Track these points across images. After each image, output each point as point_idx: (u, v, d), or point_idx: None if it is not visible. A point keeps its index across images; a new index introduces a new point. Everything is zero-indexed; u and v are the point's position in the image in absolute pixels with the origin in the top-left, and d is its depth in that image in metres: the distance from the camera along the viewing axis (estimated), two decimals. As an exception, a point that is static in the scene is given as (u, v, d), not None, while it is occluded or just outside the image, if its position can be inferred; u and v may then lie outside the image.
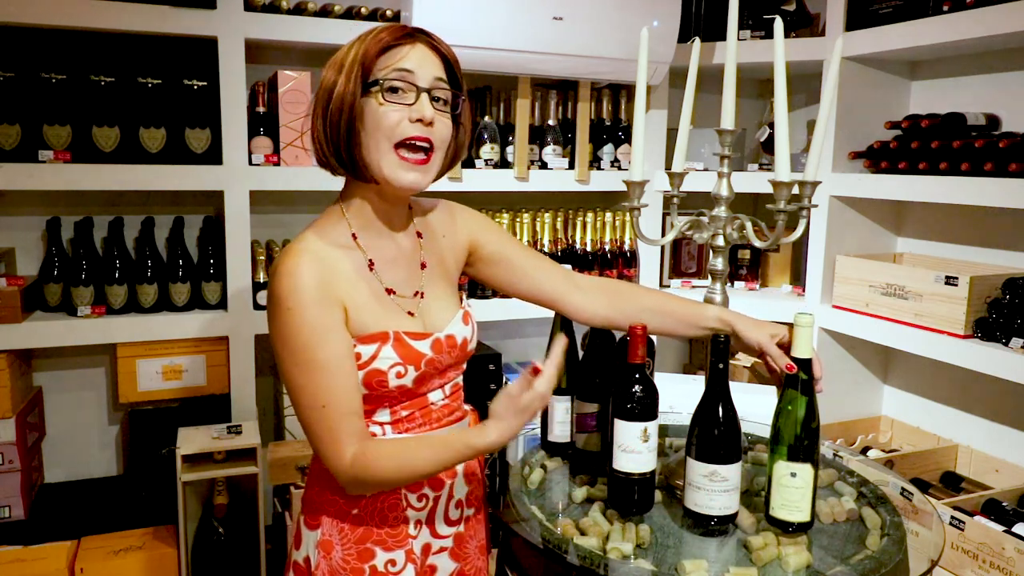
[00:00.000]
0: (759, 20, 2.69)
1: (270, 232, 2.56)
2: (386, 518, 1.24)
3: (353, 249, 1.24)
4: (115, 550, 2.11)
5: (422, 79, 1.19)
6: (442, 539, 1.31)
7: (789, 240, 1.43)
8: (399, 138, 1.18)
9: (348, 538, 1.24)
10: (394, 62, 1.18)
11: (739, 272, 2.91)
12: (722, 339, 1.31)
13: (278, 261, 1.18)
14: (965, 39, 2.14)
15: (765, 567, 1.23)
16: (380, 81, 1.17)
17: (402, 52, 1.18)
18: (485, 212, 2.56)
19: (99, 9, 2.06)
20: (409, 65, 1.18)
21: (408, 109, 1.18)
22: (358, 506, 1.24)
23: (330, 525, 1.24)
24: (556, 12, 2.38)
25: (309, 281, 1.15)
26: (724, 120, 1.48)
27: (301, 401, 1.17)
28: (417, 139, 1.18)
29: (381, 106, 1.17)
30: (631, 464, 1.33)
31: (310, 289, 1.15)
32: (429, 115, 1.18)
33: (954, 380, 2.52)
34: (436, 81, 1.21)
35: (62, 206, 2.34)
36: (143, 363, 2.25)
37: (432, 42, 1.22)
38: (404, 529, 1.26)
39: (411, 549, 1.26)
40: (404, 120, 1.18)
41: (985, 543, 1.92)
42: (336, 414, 1.16)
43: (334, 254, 1.21)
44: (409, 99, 1.18)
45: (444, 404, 1.31)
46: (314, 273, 1.16)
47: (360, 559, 1.23)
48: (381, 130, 1.17)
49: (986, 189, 2.04)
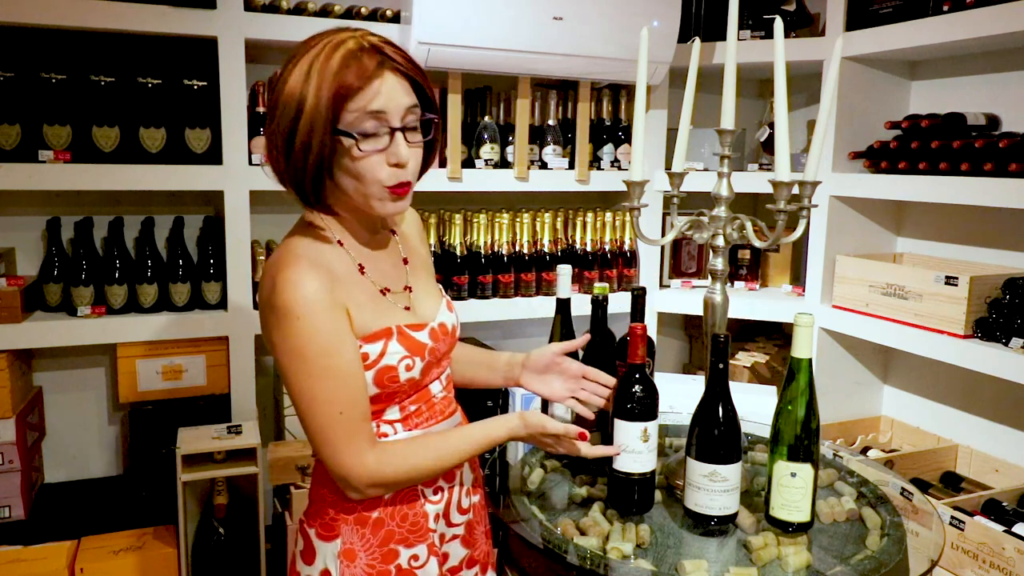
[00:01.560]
0: (759, 20, 2.69)
1: (270, 232, 2.56)
2: (407, 516, 1.25)
3: (342, 253, 1.24)
4: (115, 550, 2.11)
5: (395, 117, 1.14)
6: (454, 527, 1.32)
7: (789, 240, 1.43)
8: (380, 184, 1.16)
9: (371, 543, 1.24)
10: (364, 103, 1.12)
11: (739, 272, 2.91)
12: (722, 339, 1.31)
13: (275, 271, 1.15)
14: (965, 39, 2.14)
15: (765, 567, 1.24)
16: (355, 135, 1.12)
17: (372, 90, 1.12)
18: (485, 212, 2.57)
19: (99, 9, 2.06)
20: (380, 105, 1.13)
21: (384, 153, 1.15)
22: (378, 508, 1.24)
23: (351, 533, 1.24)
24: (556, 12, 2.38)
25: (316, 287, 1.13)
26: (724, 120, 1.48)
27: (315, 410, 1.15)
28: (398, 186, 1.17)
29: (357, 159, 1.14)
30: (631, 464, 1.33)
31: (318, 295, 1.13)
32: (405, 158, 1.16)
33: (954, 380, 2.52)
34: (408, 112, 1.16)
35: (62, 206, 2.34)
36: (143, 363, 2.25)
37: (397, 66, 1.16)
38: (424, 523, 1.27)
39: (432, 543, 1.27)
40: (383, 164, 1.15)
41: (985, 543, 1.92)
42: (354, 419, 1.16)
43: (327, 259, 1.20)
44: (383, 143, 1.14)
45: (443, 396, 1.33)
46: (318, 279, 1.14)
47: (385, 561, 1.24)
48: (362, 181, 1.15)
49: (986, 189, 2.04)
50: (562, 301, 1.58)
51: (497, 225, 2.58)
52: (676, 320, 3.25)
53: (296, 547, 1.30)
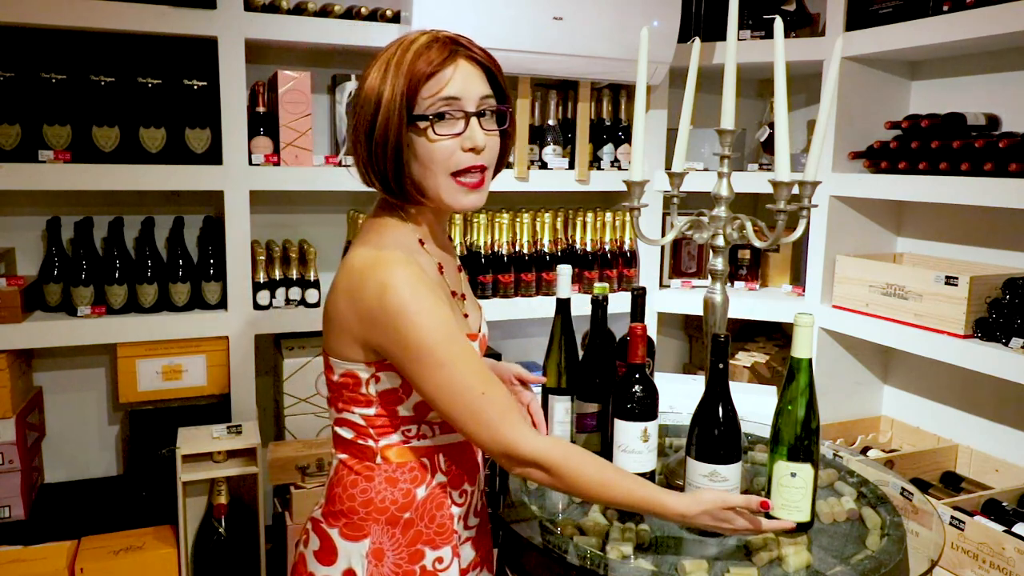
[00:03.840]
0: (759, 20, 2.69)
1: (270, 232, 2.56)
2: (435, 517, 1.25)
3: (424, 255, 1.24)
4: (115, 550, 2.11)
5: (469, 103, 1.17)
6: (469, 530, 1.33)
7: (789, 240, 1.43)
8: (454, 168, 1.18)
9: (399, 542, 1.24)
10: (439, 89, 1.15)
11: (739, 272, 2.91)
12: (722, 339, 1.31)
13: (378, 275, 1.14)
14: (965, 39, 2.14)
15: (765, 567, 1.24)
16: (429, 117, 1.15)
17: (445, 76, 1.16)
18: (485, 212, 2.57)
19: (99, 9, 2.05)
20: (454, 91, 1.16)
21: (459, 139, 1.17)
22: (409, 510, 1.24)
23: (380, 533, 1.23)
24: (556, 12, 2.38)
25: (424, 282, 1.15)
26: (724, 120, 1.48)
27: (456, 399, 1.14)
28: (472, 168, 1.18)
29: (432, 141, 1.16)
30: (631, 464, 1.33)
31: (429, 290, 1.14)
32: (482, 143, 1.18)
33: (954, 380, 2.52)
34: (483, 101, 1.19)
35: (62, 206, 2.34)
36: (143, 363, 2.25)
37: (472, 55, 1.19)
38: (450, 525, 1.27)
39: (455, 544, 1.27)
40: (457, 150, 1.17)
41: (985, 543, 1.92)
42: (499, 396, 1.15)
43: (415, 257, 1.20)
44: (459, 127, 1.17)
45: None
46: (421, 275, 1.15)
47: (411, 561, 1.24)
48: (436, 163, 1.17)
49: (986, 189, 2.04)
50: (562, 301, 1.58)
51: (497, 225, 2.58)
52: (676, 320, 3.25)
53: (308, 547, 1.28)
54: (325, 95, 2.57)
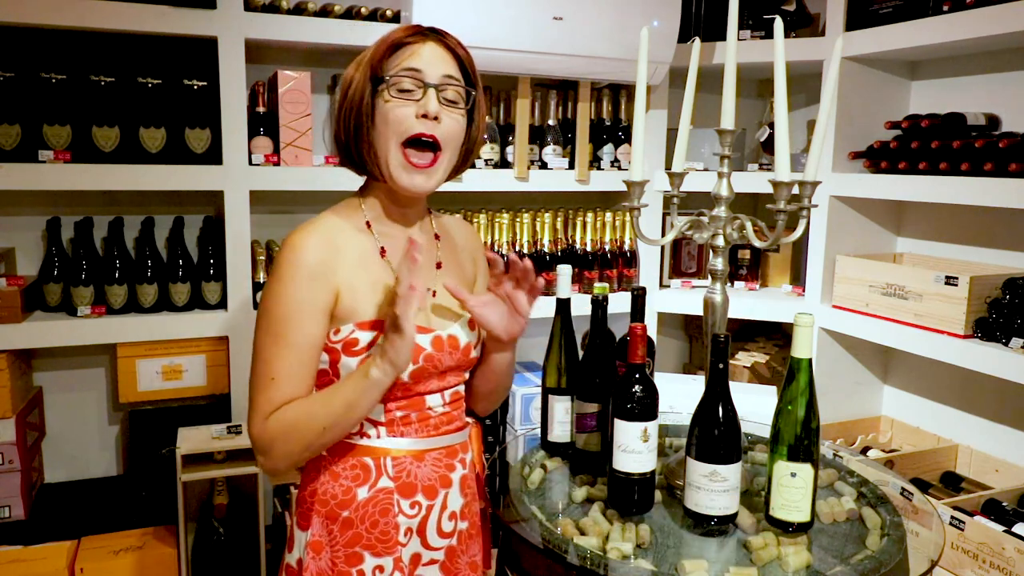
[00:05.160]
0: (759, 20, 2.69)
1: (270, 232, 2.56)
2: (376, 523, 1.24)
3: (366, 235, 1.26)
4: (115, 550, 2.11)
5: (431, 76, 1.21)
6: (433, 551, 1.29)
7: (789, 240, 1.43)
8: (406, 135, 1.20)
9: (337, 541, 1.23)
10: (403, 60, 1.21)
11: (739, 272, 2.91)
12: (722, 339, 1.31)
13: (290, 233, 1.21)
14: (965, 39, 2.14)
15: (765, 567, 1.24)
16: (387, 78, 1.20)
17: (412, 50, 1.21)
18: (485, 212, 2.57)
19: (99, 9, 2.05)
20: (417, 64, 1.20)
21: (415, 105, 1.20)
22: (349, 508, 1.23)
23: (320, 526, 1.24)
24: (556, 12, 2.38)
25: (309, 258, 1.18)
26: (724, 120, 1.48)
27: (257, 367, 1.20)
28: (423, 135, 1.20)
29: (387, 103, 1.20)
30: (631, 464, 1.33)
31: (307, 266, 1.17)
32: (434, 110, 1.20)
33: (954, 380, 2.52)
34: (445, 78, 1.22)
35: (62, 206, 2.34)
36: (143, 363, 2.25)
37: (445, 41, 1.24)
38: (394, 536, 1.24)
39: (399, 557, 1.25)
40: (410, 116, 1.20)
41: (985, 543, 1.92)
42: (280, 389, 1.18)
43: (345, 235, 1.23)
44: (417, 96, 1.20)
45: (444, 412, 1.31)
46: (317, 251, 1.18)
47: (348, 563, 1.23)
48: (389, 125, 1.20)
49: (986, 189, 2.04)
50: (562, 301, 1.58)
51: (497, 225, 2.58)
52: (676, 320, 3.25)
53: None
54: (325, 95, 2.57)
